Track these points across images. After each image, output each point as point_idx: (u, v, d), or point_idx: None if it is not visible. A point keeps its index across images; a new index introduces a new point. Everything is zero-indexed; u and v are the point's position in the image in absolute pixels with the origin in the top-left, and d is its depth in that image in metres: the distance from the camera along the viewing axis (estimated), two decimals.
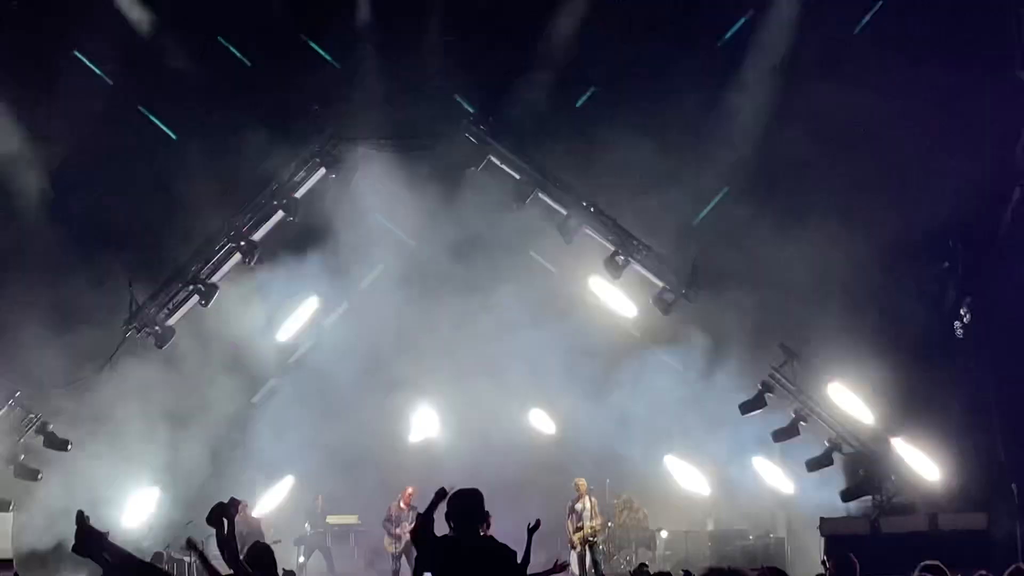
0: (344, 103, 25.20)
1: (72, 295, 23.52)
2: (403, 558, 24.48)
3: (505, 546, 9.24)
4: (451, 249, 25.45)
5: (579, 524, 23.95)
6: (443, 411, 26.84)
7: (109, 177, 24.81)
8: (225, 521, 9.51)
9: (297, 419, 25.59)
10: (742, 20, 26.11)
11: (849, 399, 23.98)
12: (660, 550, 26.01)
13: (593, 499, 24.13)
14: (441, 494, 9.58)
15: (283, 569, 21.57)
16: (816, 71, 23.96)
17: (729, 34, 26.22)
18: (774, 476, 25.45)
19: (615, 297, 25.65)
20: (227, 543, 9.58)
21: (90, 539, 8.50)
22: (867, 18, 25.28)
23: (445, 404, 26.72)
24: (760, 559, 23.93)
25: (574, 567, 23.62)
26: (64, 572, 22.00)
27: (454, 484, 9.55)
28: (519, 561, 10.95)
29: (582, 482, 24.17)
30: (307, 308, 26.25)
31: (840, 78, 23.36)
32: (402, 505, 24.69)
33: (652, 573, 17.00)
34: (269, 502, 26.07)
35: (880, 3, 25.25)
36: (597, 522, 23.83)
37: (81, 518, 8.55)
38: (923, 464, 23.29)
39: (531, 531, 12.73)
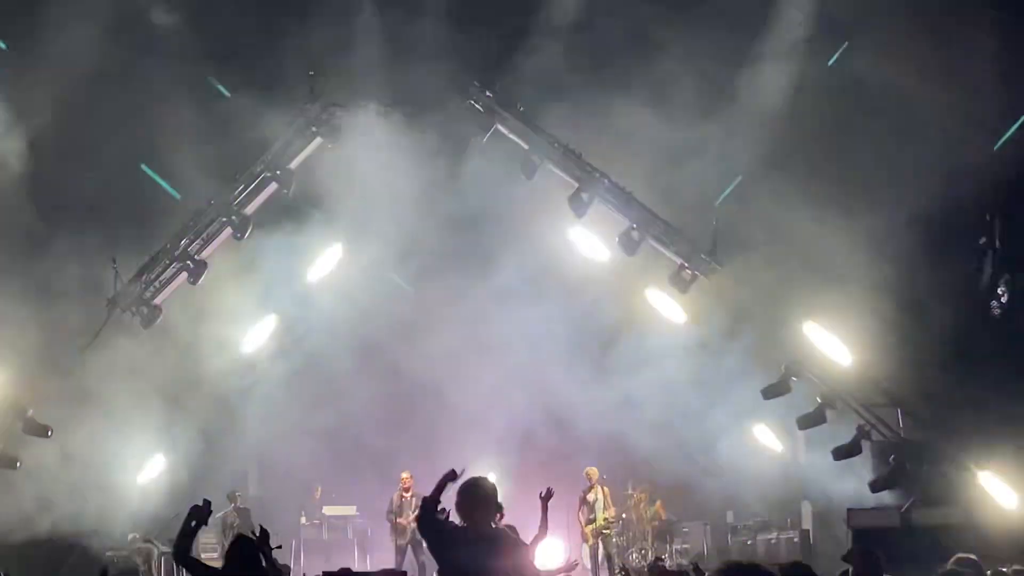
0: (342, 68, 24.58)
1: (51, 272, 22.81)
2: (409, 550, 23.79)
3: (518, 539, 9.56)
4: (455, 224, 25.03)
5: (591, 516, 23.62)
6: (442, 393, 26.18)
7: (90, 147, 24.01)
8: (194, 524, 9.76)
9: (288, 404, 25.22)
10: None
11: (878, 382, 23.59)
12: (678, 543, 25.25)
13: (606, 488, 23.78)
14: (451, 476, 9.20)
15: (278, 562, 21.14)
16: (845, 38, 23.69)
17: None
18: (798, 465, 25.14)
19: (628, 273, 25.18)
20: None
21: None
22: None
23: (444, 385, 26.04)
24: (783, 553, 23.65)
25: (586, 561, 23.24)
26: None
27: (465, 468, 9.26)
28: (538, 531, 12.10)
29: (593, 471, 23.94)
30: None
31: (869, 44, 22.99)
32: (403, 493, 23.99)
33: (669, 567, 16.51)
34: (261, 492, 25.31)
35: None
36: (610, 513, 23.39)
37: None
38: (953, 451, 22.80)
39: (544, 500, 12.48)
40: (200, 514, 9.97)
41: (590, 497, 23.69)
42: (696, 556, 23.26)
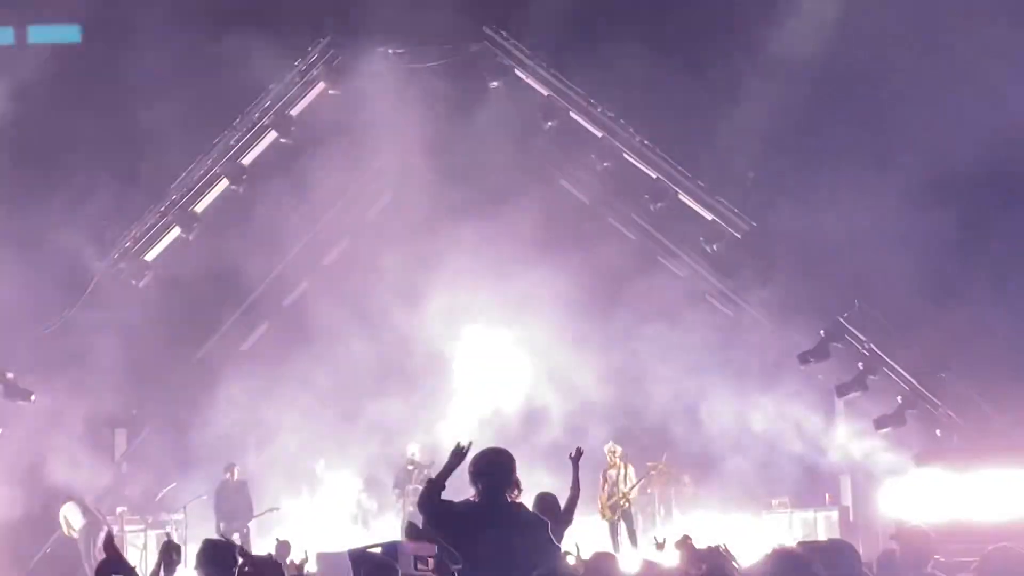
0: (348, 7, 24.00)
1: (34, 226, 22.20)
2: None
3: (538, 516, 8.85)
4: (465, 174, 24.45)
5: (612, 493, 23.11)
6: (452, 359, 25.53)
7: (76, 94, 23.49)
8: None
9: (290, 368, 24.58)
10: None
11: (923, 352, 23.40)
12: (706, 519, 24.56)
13: (629, 465, 23.23)
14: (458, 454, 8.66)
15: (277, 539, 20.52)
16: None
17: None
18: (837, 436, 24.30)
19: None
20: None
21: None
22: None
23: (454, 350, 25.40)
24: (821, 531, 23.22)
25: (607, 539, 22.63)
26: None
27: (472, 441, 8.79)
28: (571, 492, 11.76)
29: (615, 447, 23.21)
30: None
31: None
32: (408, 467, 23.61)
33: (698, 546, 15.77)
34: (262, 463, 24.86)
35: None
36: (631, 488, 22.55)
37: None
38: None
39: (575, 460, 12.27)
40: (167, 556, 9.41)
41: (611, 473, 23.10)
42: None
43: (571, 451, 12.37)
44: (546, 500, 11.16)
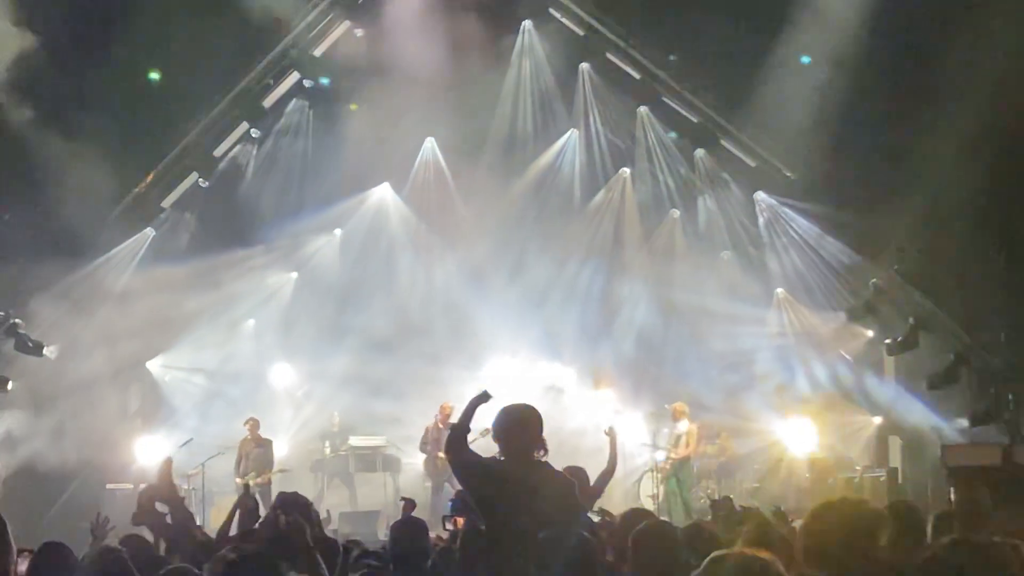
0: None
1: (49, 174, 21.85)
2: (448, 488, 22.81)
3: (563, 475, 8.55)
4: (498, 121, 24.51)
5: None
6: (470, 309, 25.23)
7: (94, 39, 22.99)
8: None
9: (304, 320, 24.83)
10: None
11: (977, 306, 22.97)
12: (748, 482, 24.49)
13: (693, 425, 22.94)
14: (483, 398, 8.55)
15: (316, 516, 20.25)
16: None
17: None
18: (884, 394, 24.40)
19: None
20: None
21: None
22: None
23: (473, 301, 25.12)
24: (869, 493, 22.32)
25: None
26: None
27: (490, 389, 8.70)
28: (606, 466, 11.87)
29: (680, 405, 23.02)
30: None
31: None
32: (439, 425, 23.00)
33: (737, 507, 15.53)
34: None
35: None
36: (683, 451, 22.54)
37: None
38: None
39: (612, 436, 12.46)
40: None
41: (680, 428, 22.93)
42: (773, 498, 22.40)
43: (605, 428, 12.53)
44: (574, 473, 10.74)
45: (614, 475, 12.25)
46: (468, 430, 8.40)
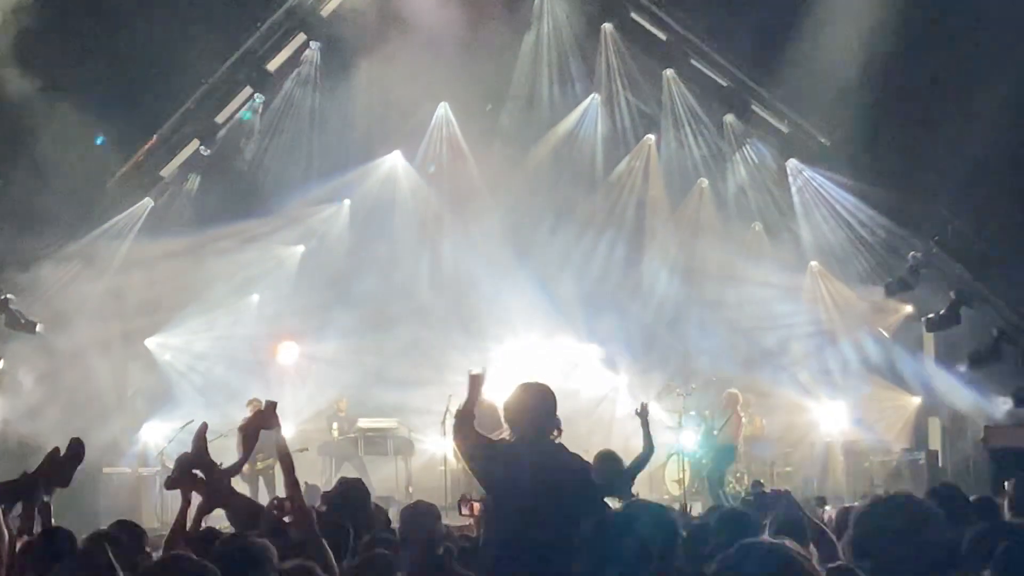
0: None
1: (42, 146, 21.55)
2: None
3: (579, 458, 8.50)
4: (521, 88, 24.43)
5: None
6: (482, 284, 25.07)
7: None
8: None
9: (316, 302, 24.71)
10: None
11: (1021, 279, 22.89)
12: (779, 466, 24.41)
13: (740, 413, 22.50)
14: (479, 379, 8.66)
15: (306, 482, 19.83)
16: None
17: None
18: (924, 373, 24.37)
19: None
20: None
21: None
22: None
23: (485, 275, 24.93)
24: (907, 478, 22.31)
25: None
26: None
27: (484, 367, 8.86)
28: (642, 450, 12.13)
29: (733, 393, 22.66)
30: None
31: None
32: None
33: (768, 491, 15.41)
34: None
35: None
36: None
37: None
38: None
39: (643, 416, 12.66)
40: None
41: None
42: (807, 481, 22.31)
43: (637, 407, 12.78)
44: (606, 457, 10.99)
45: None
46: (473, 415, 8.44)
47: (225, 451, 21.32)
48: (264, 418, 8.58)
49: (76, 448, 8.30)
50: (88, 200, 22.81)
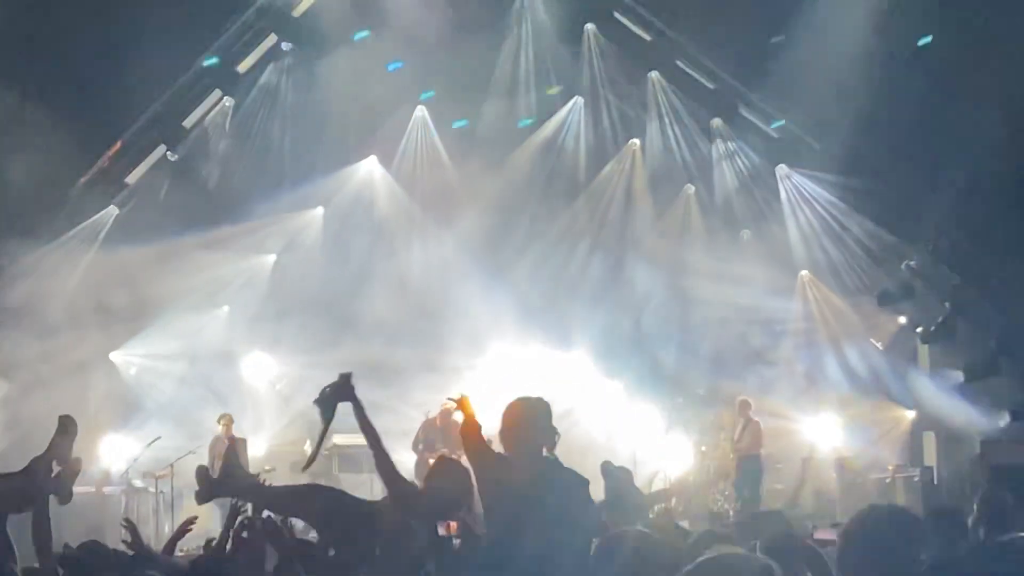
0: None
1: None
2: None
3: (575, 472, 8.48)
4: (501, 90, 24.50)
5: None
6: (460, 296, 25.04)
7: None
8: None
9: (288, 313, 24.68)
10: None
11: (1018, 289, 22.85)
12: (770, 482, 24.33)
13: (757, 420, 22.97)
14: (462, 404, 8.66)
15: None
16: None
17: None
18: (919, 388, 24.51)
19: None
20: None
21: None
22: None
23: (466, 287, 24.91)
24: (901, 494, 22.65)
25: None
26: None
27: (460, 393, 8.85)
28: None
29: (745, 400, 23.13)
30: None
31: None
32: (438, 423, 22.89)
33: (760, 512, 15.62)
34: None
35: None
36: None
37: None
38: None
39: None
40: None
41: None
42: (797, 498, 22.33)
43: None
44: (613, 472, 11.33)
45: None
46: (479, 425, 8.45)
47: (192, 470, 21.49)
48: (342, 389, 8.81)
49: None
50: (50, 208, 22.76)
